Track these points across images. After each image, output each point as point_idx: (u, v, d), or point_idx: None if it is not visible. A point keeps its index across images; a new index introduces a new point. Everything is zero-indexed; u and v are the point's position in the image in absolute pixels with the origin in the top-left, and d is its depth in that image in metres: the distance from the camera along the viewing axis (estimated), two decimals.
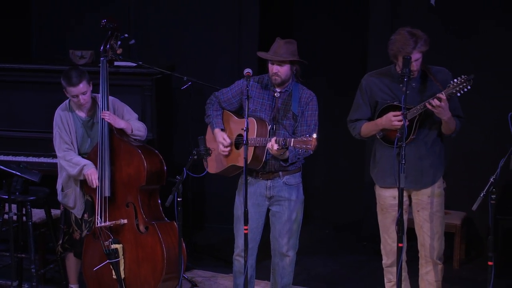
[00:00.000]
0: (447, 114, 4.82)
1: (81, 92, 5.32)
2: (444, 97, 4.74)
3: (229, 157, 5.24)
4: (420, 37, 4.85)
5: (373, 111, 5.10)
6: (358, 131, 5.16)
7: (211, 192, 7.46)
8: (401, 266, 4.79)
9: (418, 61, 4.89)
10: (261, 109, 5.17)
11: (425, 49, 4.88)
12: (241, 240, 5.20)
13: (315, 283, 6.31)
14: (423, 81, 5.00)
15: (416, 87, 4.98)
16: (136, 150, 5.32)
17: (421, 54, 4.88)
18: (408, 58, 4.75)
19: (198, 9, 7.33)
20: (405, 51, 4.82)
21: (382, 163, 5.11)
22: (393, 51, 4.89)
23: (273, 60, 5.10)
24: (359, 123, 5.15)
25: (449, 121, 4.89)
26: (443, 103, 4.75)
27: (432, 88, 4.92)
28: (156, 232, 5.24)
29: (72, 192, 5.41)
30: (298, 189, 5.27)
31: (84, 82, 5.31)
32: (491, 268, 4.58)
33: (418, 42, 4.83)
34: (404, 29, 4.90)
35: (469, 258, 6.83)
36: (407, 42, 4.82)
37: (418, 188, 5.09)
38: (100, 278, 5.37)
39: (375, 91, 5.08)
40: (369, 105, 5.12)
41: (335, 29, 7.63)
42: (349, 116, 5.22)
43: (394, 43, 4.88)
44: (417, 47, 4.83)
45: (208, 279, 6.32)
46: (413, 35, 4.84)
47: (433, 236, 5.13)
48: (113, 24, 5.49)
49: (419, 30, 4.88)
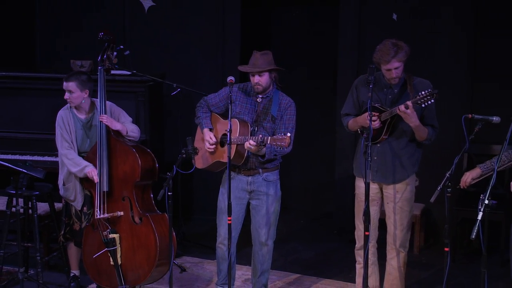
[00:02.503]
0: (413, 121, 4.80)
1: (68, 90, 5.30)
2: (411, 105, 4.72)
3: (215, 154, 5.24)
4: (402, 48, 4.83)
5: (359, 109, 5.12)
6: (346, 123, 5.21)
7: (198, 187, 7.45)
8: (367, 252, 4.81)
9: (398, 69, 4.87)
10: (245, 112, 5.18)
11: (405, 59, 4.85)
12: (223, 229, 5.22)
13: (292, 267, 6.30)
14: (403, 89, 4.98)
15: (397, 93, 4.98)
16: (131, 150, 5.30)
17: (400, 63, 4.85)
18: (373, 67, 4.77)
19: (186, 24, 7.31)
20: (384, 59, 4.81)
21: (360, 156, 5.11)
22: (375, 59, 4.88)
23: (253, 72, 5.10)
24: (348, 117, 5.18)
25: (417, 128, 4.87)
26: (410, 110, 4.73)
27: (408, 96, 4.90)
28: (149, 223, 5.22)
29: (73, 186, 5.38)
30: (276, 185, 5.27)
31: (74, 82, 5.29)
32: (447, 254, 4.58)
33: (398, 52, 4.80)
34: (389, 40, 4.87)
35: (428, 244, 6.85)
36: (388, 51, 4.81)
37: (388, 183, 5.09)
38: (99, 264, 5.34)
39: (362, 92, 5.08)
40: (357, 103, 5.13)
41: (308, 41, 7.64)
42: (342, 110, 5.26)
43: (377, 52, 4.87)
44: (396, 57, 4.80)
45: (196, 265, 6.31)
46: (395, 46, 4.82)
47: (398, 227, 5.13)
48: (109, 36, 5.46)
49: (402, 42, 4.85)
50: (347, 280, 5.89)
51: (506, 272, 5.42)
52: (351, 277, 5.48)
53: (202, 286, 5.85)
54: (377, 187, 5.11)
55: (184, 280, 5.97)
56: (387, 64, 4.83)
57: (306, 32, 7.63)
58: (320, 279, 6.03)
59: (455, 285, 5.76)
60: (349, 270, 5.54)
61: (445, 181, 4.53)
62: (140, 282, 5.30)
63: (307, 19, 7.62)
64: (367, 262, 4.84)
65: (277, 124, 5.14)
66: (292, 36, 7.70)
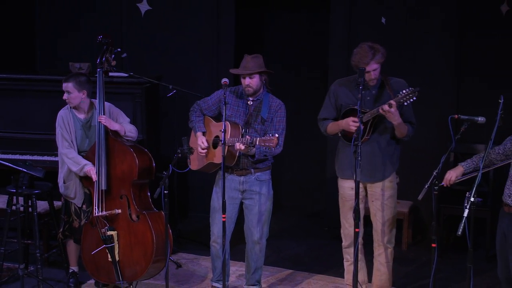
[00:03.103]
0: (397, 120, 4.83)
1: (66, 90, 5.30)
2: (394, 104, 4.75)
3: (208, 156, 5.26)
4: (378, 50, 4.85)
5: (338, 112, 5.12)
6: (324, 128, 5.19)
7: (193, 185, 7.45)
8: (357, 248, 4.83)
9: (376, 71, 4.89)
10: (236, 115, 5.19)
11: (382, 61, 4.88)
12: (216, 228, 5.25)
13: (284, 263, 6.31)
14: (381, 89, 5.01)
15: (375, 94, 4.99)
16: (129, 149, 5.30)
17: (378, 65, 4.88)
18: (363, 69, 4.76)
19: (182, 27, 7.31)
20: (363, 62, 4.82)
21: (342, 158, 5.14)
22: (354, 62, 4.89)
23: (244, 74, 5.11)
24: (326, 122, 5.17)
25: (399, 126, 4.90)
26: (393, 109, 4.75)
27: (388, 96, 4.93)
28: (146, 220, 5.22)
29: (73, 184, 5.38)
30: (268, 184, 5.28)
31: (72, 83, 5.29)
32: (434, 250, 4.60)
33: (375, 55, 4.83)
34: (365, 43, 4.89)
35: (415, 241, 6.86)
36: (366, 54, 4.82)
37: (372, 181, 5.12)
38: (97, 261, 5.34)
39: (340, 96, 5.09)
40: (335, 107, 5.14)
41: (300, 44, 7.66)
42: (319, 115, 5.24)
43: (355, 55, 4.88)
44: (374, 59, 4.83)
45: (191, 261, 6.32)
46: (372, 48, 4.84)
47: (385, 223, 5.15)
48: (108, 40, 5.46)
49: (378, 44, 4.88)
50: (338, 276, 5.90)
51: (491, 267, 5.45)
52: (342, 272, 5.49)
53: (198, 282, 5.85)
54: (362, 186, 5.13)
55: (180, 276, 5.98)
56: (366, 66, 4.84)
57: (298, 35, 7.64)
58: (312, 274, 6.04)
59: (442, 280, 5.78)
60: (340, 265, 5.55)
61: (432, 179, 4.56)
62: (137, 278, 5.30)
63: (299, 22, 7.64)
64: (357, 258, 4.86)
65: (267, 126, 5.15)
66: (284, 39, 7.71)
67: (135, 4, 7.35)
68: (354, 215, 4.74)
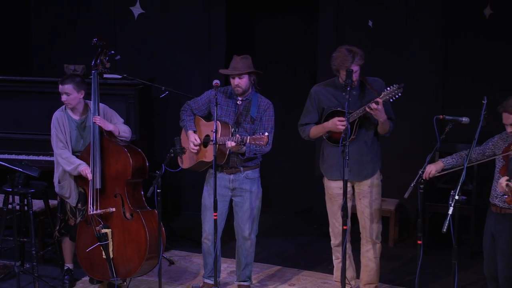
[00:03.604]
0: (383, 116, 4.87)
1: (65, 92, 5.28)
2: (381, 101, 4.79)
3: (198, 154, 5.27)
4: (357, 53, 4.88)
5: (320, 116, 5.14)
6: (307, 133, 5.18)
7: (185, 184, 7.44)
8: (345, 245, 4.85)
9: (357, 72, 4.93)
10: (226, 115, 5.20)
11: (361, 63, 4.92)
12: (207, 225, 5.26)
13: (274, 259, 6.33)
14: (362, 90, 5.04)
15: (357, 94, 5.02)
16: (123, 149, 5.29)
17: (358, 67, 4.91)
18: (350, 70, 4.78)
19: (174, 30, 7.31)
20: (345, 65, 4.85)
21: (329, 160, 5.15)
22: (335, 66, 4.92)
23: (233, 74, 5.12)
24: (308, 126, 5.17)
25: (384, 123, 4.95)
26: (380, 106, 4.80)
27: (369, 95, 4.96)
28: (140, 218, 5.22)
29: (68, 184, 5.37)
30: (257, 182, 5.30)
31: (70, 85, 5.27)
32: (420, 246, 4.62)
33: (355, 57, 4.86)
34: (343, 47, 4.92)
35: (402, 238, 6.89)
36: (346, 57, 4.85)
37: (360, 179, 5.13)
38: (92, 258, 5.33)
39: (322, 99, 5.10)
40: (317, 111, 5.15)
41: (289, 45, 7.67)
42: (300, 121, 5.24)
43: (336, 59, 4.90)
44: (354, 61, 4.86)
45: (184, 258, 6.32)
46: (351, 52, 4.87)
47: (372, 220, 5.18)
48: (102, 42, 5.45)
49: (355, 47, 4.91)
50: (326, 272, 5.91)
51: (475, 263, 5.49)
52: (330, 268, 5.50)
53: (190, 278, 5.85)
54: (349, 184, 5.15)
55: (172, 272, 5.98)
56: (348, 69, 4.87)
57: (288, 37, 7.65)
58: (301, 270, 6.06)
59: (427, 276, 5.81)
60: (328, 262, 5.57)
61: (418, 178, 4.58)
62: (131, 275, 5.30)
63: (289, 25, 7.65)
64: (345, 255, 4.88)
65: (256, 125, 5.17)
66: (274, 41, 7.71)
67: (128, 7, 7.34)
68: (342, 213, 4.76)
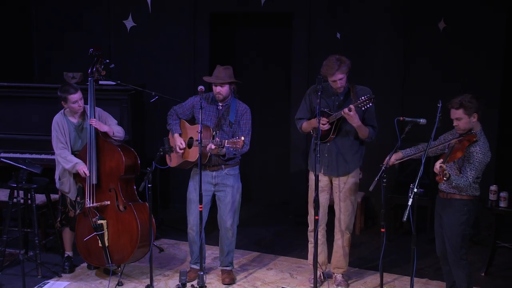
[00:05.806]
0: (356, 122, 4.88)
1: (80, 98, 5.26)
2: (353, 108, 4.80)
3: (184, 155, 5.27)
4: (344, 62, 4.89)
5: (311, 114, 5.16)
6: (300, 126, 5.24)
7: (174, 180, 7.43)
8: (317, 232, 4.87)
9: (342, 80, 4.93)
10: (207, 119, 5.20)
11: (347, 71, 4.91)
12: (191, 217, 5.28)
13: (253, 246, 6.34)
14: (347, 96, 5.05)
15: (342, 100, 5.04)
16: (116, 148, 5.28)
17: (344, 75, 4.91)
18: (320, 77, 4.82)
19: (163, 41, 7.28)
20: (329, 72, 4.87)
21: (312, 155, 5.15)
22: (323, 72, 4.93)
23: (216, 83, 5.13)
24: (301, 121, 5.22)
25: (359, 128, 4.95)
26: (352, 112, 4.81)
27: (352, 101, 4.97)
28: (132, 210, 5.21)
29: (67, 180, 5.34)
30: (237, 178, 5.31)
31: (80, 91, 5.27)
32: (383, 234, 4.65)
33: (341, 66, 4.86)
34: (333, 56, 4.93)
35: (367, 226, 6.93)
36: (332, 66, 4.86)
37: (336, 175, 5.15)
38: (89, 246, 5.31)
39: (314, 99, 5.12)
40: (309, 109, 5.18)
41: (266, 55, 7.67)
42: (296, 115, 5.29)
43: (323, 66, 4.93)
44: (339, 70, 4.87)
45: (172, 246, 6.31)
46: (338, 60, 4.87)
47: (344, 213, 5.19)
48: (98, 52, 5.44)
49: (344, 57, 4.91)
50: (300, 257, 5.94)
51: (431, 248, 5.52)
52: (304, 254, 5.52)
53: (178, 264, 5.85)
54: (327, 179, 5.17)
55: (162, 259, 5.97)
56: (332, 76, 4.90)
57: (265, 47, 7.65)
58: (277, 256, 6.07)
59: (390, 261, 5.85)
60: (302, 249, 5.59)
61: (381, 173, 4.61)
62: (125, 261, 5.29)
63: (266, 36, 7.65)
64: (317, 241, 4.91)
65: (235, 128, 5.17)
66: (253, 50, 7.71)
67: (121, 20, 7.31)
68: (314, 204, 4.79)
